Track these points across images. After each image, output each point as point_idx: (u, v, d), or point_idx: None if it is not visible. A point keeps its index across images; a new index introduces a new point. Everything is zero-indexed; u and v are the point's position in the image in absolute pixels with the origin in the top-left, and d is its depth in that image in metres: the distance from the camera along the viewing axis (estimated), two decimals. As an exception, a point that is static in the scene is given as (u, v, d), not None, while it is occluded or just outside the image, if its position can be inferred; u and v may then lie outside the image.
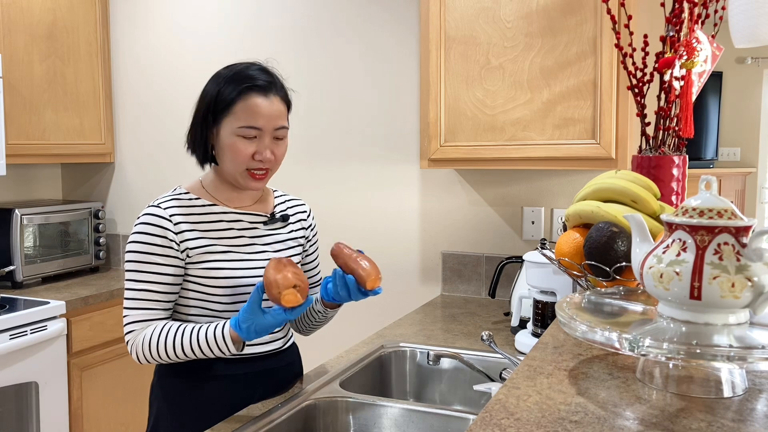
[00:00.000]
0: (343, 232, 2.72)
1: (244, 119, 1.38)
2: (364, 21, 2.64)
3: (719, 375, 0.85)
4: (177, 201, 1.43)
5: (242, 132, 1.38)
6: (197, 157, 1.47)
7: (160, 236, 1.38)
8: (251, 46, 2.84)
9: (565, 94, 1.98)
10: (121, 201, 3.21)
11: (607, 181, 1.33)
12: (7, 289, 2.69)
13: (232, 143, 1.39)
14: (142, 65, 3.10)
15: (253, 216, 1.50)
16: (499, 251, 2.49)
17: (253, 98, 1.38)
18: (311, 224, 1.64)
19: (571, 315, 0.88)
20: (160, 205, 1.41)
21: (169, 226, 1.39)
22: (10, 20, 2.66)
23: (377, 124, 2.65)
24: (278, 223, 1.54)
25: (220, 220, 1.45)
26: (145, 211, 1.41)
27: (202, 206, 1.45)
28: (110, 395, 2.70)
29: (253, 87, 1.38)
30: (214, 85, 1.42)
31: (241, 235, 1.46)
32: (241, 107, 1.38)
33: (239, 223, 1.47)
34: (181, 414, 1.43)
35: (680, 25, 1.47)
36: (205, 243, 1.42)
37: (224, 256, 1.43)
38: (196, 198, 1.45)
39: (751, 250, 0.82)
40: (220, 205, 1.47)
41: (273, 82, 1.42)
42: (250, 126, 1.38)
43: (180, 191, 1.46)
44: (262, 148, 1.40)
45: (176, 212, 1.41)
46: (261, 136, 1.39)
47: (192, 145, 1.47)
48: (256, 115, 1.38)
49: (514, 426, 0.76)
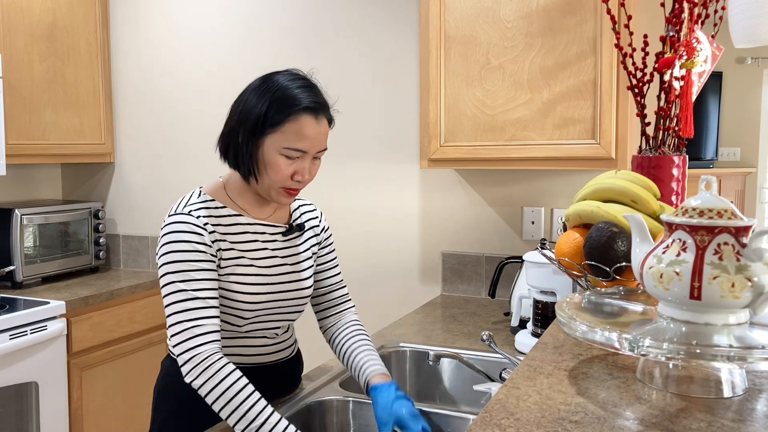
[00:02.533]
0: (343, 232, 2.72)
1: (292, 141, 1.32)
2: (364, 21, 2.64)
3: (719, 375, 0.85)
4: (207, 210, 1.37)
5: (287, 152, 1.33)
6: (240, 171, 1.39)
7: (200, 242, 1.32)
8: (251, 46, 2.84)
9: (565, 94, 1.98)
10: (121, 201, 3.21)
11: (607, 181, 1.33)
12: (7, 289, 2.69)
13: (274, 161, 1.33)
14: (142, 65, 3.10)
15: (273, 227, 1.46)
16: (499, 251, 2.49)
17: (304, 120, 1.32)
18: (324, 227, 1.59)
19: (571, 315, 0.88)
20: (192, 213, 1.34)
21: (205, 234, 1.33)
22: (10, 20, 2.66)
23: (377, 124, 2.65)
24: (295, 232, 1.50)
25: (245, 231, 1.41)
26: (175, 219, 1.33)
27: (229, 216, 1.39)
28: (110, 395, 2.70)
29: (305, 108, 1.32)
30: (260, 99, 1.34)
31: (264, 248, 1.43)
32: (290, 128, 1.32)
33: (262, 236, 1.43)
34: (188, 418, 1.42)
35: (680, 25, 1.47)
36: (235, 255, 1.37)
37: (249, 270, 1.39)
38: (222, 206, 1.39)
39: (751, 250, 0.82)
40: (244, 216, 1.42)
41: (322, 103, 1.36)
42: (296, 149, 1.33)
43: (206, 198, 1.39)
44: (303, 169, 1.35)
45: (208, 221, 1.35)
46: (303, 158, 1.35)
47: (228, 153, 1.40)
48: (304, 139, 1.32)
49: (514, 426, 0.76)
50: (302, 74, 1.40)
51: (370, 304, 2.69)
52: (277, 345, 1.49)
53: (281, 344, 1.50)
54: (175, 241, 1.31)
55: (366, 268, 2.70)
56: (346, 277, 2.72)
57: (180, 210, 1.35)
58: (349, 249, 2.72)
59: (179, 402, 1.41)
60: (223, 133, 1.40)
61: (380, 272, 2.67)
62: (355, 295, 2.71)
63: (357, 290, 2.71)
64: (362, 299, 2.71)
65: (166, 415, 1.46)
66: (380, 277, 2.67)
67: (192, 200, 1.38)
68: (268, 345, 1.47)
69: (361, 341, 1.52)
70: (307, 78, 1.40)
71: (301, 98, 1.33)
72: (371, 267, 2.69)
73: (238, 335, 1.43)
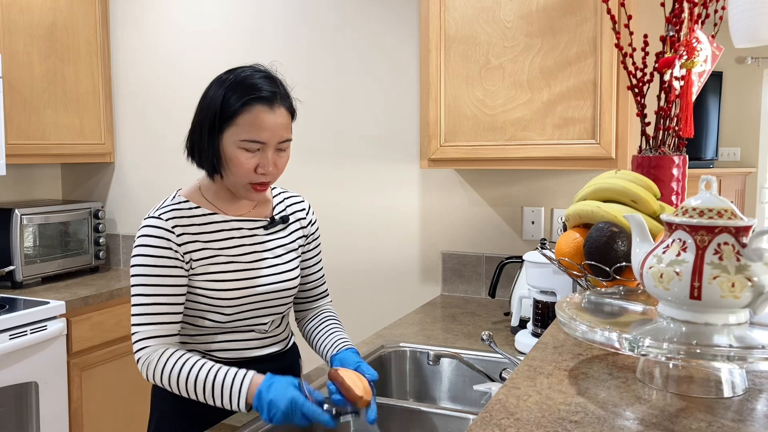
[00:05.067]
0: (343, 232, 2.72)
1: (248, 132, 1.32)
2: (364, 21, 2.64)
3: (719, 375, 0.85)
4: (177, 211, 1.39)
5: (245, 145, 1.32)
6: (205, 168, 1.40)
7: (165, 248, 1.34)
8: (251, 46, 2.84)
9: (565, 94, 1.98)
10: (121, 201, 3.21)
11: (607, 181, 1.33)
12: (7, 289, 2.69)
13: (234, 156, 1.33)
14: (142, 65, 3.10)
15: (252, 222, 1.46)
16: (499, 251, 2.49)
17: (257, 110, 1.31)
18: (311, 220, 1.58)
19: (571, 315, 0.88)
20: (161, 216, 1.37)
21: (172, 237, 1.35)
22: (9, 20, 2.66)
23: (377, 124, 2.65)
24: (279, 225, 1.50)
25: (220, 230, 1.42)
26: (146, 222, 1.37)
27: (202, 215, 1.41)
28: (110, 395, 2.69)
29: (257, 98, 1.32)
30: (217, 91, 1.35)
31: (241, 244, 1.43)
32: (244, 119, 1.31)
33: (239, 231, 1.44)
34: (184, 416, 1.43)
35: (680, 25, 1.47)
36: (208, 254, 1.38)
37: (227, 267, 1.39)
38: (195, 207, 1.41)
39: (751, 250, 0.82)
40: (219, 214, 1.43)
41: (278, 92, 1.35)
42: (253, 140, 1.32)
43: (179, 200, 1.42)
44: (265, 161, 1.34)
45: (177, 223, 1.37)
46: (264, 150, 1.34)
47: (193, 152, 1.41)
48: (260, 129, 1.32)
49: (514, 426, 0.76)
50: (260, 67, 1.40)
51: (370, 304, 2.69)
52: (268, 339, 1.50)
53: (273, 338, 1.51)
54: (142, 245, 1.35)
55: (366, 268, 2.69)
56: (347, 277, 2.72)
57: (152, 214, 1.39)
58: (349, 249, 2.72)
59: (175, 398, 1.42)
60: (189, 132, 1.41)
61: (380, 272, 2.67)
62: (356, 295, 2.71)
63: (357, 290, 2.71)
64: (362, 299, 2.70)
65: (161, 414, 1.46)
66: (380, 276, 2.67)
67: (166, 203, 1.41)
68: (259, 339, 1.48)
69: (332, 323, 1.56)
70: (265, 70, 1.39)
71: (252, 89, 1.32)
72: (371, 267, 2.69)
73: (224, 330, 1.43)
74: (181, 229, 1.37)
